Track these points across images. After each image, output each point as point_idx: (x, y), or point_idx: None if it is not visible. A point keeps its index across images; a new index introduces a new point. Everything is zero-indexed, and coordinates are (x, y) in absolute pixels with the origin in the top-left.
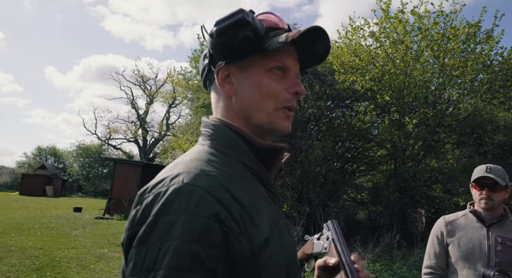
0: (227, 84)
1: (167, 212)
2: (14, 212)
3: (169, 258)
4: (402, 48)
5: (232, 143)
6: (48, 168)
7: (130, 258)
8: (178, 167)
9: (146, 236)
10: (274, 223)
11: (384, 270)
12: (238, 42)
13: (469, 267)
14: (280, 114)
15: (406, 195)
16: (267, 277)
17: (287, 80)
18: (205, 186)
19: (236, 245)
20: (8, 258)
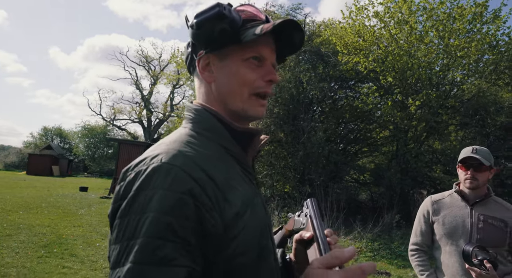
0: (207, 72)
1: (146, 187)
2: (22, 191)
3: (146, 228)
4: (407, 28)
5: (212, 126)
6: (54, 148)
7: (114, 228)
8: (159, 147)
9: (127, 209)
10: (248, 200)
11: (383, 249)
12: (215, 34)
13: (451, 244)
14: (254, 102)
15: (408, 176)
16: (240, 247)
17: (263, 69)
18: (181, 165)
19: (208, 218)
20: (17, 235)
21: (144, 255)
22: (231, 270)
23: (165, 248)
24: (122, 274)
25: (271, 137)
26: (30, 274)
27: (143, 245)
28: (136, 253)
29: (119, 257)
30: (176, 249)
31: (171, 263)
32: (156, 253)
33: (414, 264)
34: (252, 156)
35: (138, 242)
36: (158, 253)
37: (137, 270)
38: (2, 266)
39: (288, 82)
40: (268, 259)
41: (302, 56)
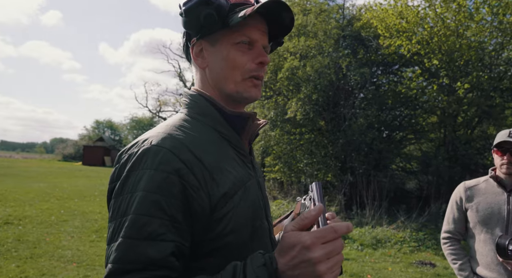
0: (200, 58)
1: (137, 168)
2: (77, 180)
3: (135, 205)
4: (455, 6)
5: (205, 111)
6: (106, 140)
7: (109, 208)
8: (152, 131)
9: (120, 189)
10: (240, 182)
11: (428, 239)
12: (202, 20)
13: (486, 232)
14: (248, 83)
15: (457, 164)
16: (229, 226)
17: (253, 52)
18: (169, 147)
19: (195, 198)
20: (72, 220)
21: (133, 230)
22: (220, 248)
23: (153, 224)
24: (114, 248)
25: (311, 125)
26: (83, 256)
27: (133, 221)
28: (126, 229)
29: (113, 233)
30: (163, 225)
31: (158, 237)
32: (145, 228)
33: (446, 252)
34: (248, 139)
35: (128, 219)
36: (147, 229)
37: (127, 244)
38: (60, 248)
39: (327, 68)
40: (262, 239)
41: (342, 42)
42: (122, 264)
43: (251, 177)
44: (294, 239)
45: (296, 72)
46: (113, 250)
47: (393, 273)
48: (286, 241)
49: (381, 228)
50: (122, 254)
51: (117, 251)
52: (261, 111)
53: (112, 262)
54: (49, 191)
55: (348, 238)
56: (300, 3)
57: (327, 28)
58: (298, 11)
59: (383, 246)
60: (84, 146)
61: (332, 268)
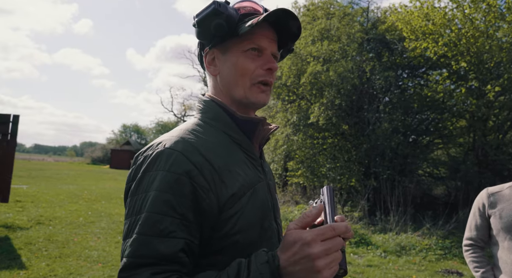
0: (212, 66)
1: (151, 169)
2: (105, 183)
3: (149, 204)
4: (484, 6)
5: (217, 116)
6: (132, 144)
7: (126, 206)
8: (166, 135)
9: (136, 189)
10: (249, 184)
11: (455, 247)
12: (213, 30)
13: (510, 239)
14: (256, 89)
15: (488, 169)
16: (237, 226)
17: (262, 59)
18: (181, 150)
19: (204, 198)
20: (99, 222)
21: (147, 227)
22: (228, 246)
23: (164, 221)
24: (129, 243)
25: (334, 130)
26: (108, 257)
27: (146, 218)
28: (140, 226)
29: (128, 229)
30: (174, 223)
31: (169, 235)
32: (157, 225)
33: (468, 260)
34: (258, 143)
35: (142, 216)
36: (159, 226)
37: (141, 240)
38: (87, 248)
39: (350, 72)
40: (271, 239)
41: (366, 45)
42: (136, 259)
43: (260, 179)
44: (296, 236)
45: (319, 76)
46: (128, 245)
47: None
48: (288, 238)
49: (405, 234)
50: (135, 249)
51: (132, 246)
52: (284, 115)
53: (126, 256)
54: (78, 193)
55: (371, 244)
56: (323, 7)
57: (351, 32)
58: (321, 15)
59: (408, 253)
60: (112, 150)
61: (330, 264)
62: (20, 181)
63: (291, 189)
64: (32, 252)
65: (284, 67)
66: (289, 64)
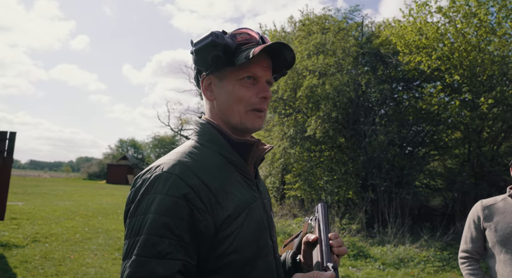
0: (208, 91)
1: (149, 192)
2: (101, 198)
3: (147, 226)
4: (476, 21)
5: (213, 138)
6: (129, 159)
7: (125, 227)
8: (164, 158)
9: (134, 211)
10: (244, 204)
11: (453, 258)
12: (210, 61)
13: (506, 252)
14: (251, 116)
15: (483, 181)
16: (233, 246)
17: (257, 87)
18: (178, 173)
19: (201, 220)
20: (96, 238)
21: (145, 249)
22: (225, 265)
23: (162, 243)
24: (128, 265)
25: (331, 143)
26: (105, 274)
27: (144, 241)
28: (139, 248)
29: (127, 251)
30: (172, 245)
31: (167, 256)
32: (155, 247)
33: (464, 272)
34: (253, 164)
35: (140, 239)
36: (156, 248)
37: (139, 261)
38: (83, 265)
39: (346, 86)
40: (267, 257)
41: (361, 59)
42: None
43: (255, 198)
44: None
45: (315, 90)
46: (127, 266)
47: None
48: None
49: (403, 246)
50: (134, 270)
51: (130, 267)
52: (280, 129)
53: (126, 277)
54: (74, 209)
55: (370, 257)
56: (319, 22)
57: (346, 46)
58: (317, 29)
59: (406, 265)
60: (108, 165)
61: None
62: (15, 197)
63: (288, 202)
64: (28, 270)
65: (280, 81)
66: (285, 78)
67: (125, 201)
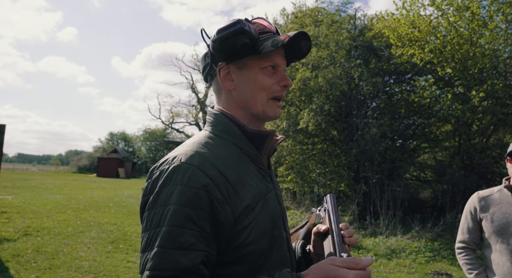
0: (228, 81)
1: (168, 184)
2: (92, 191)
3: (169, 218)
4: (468, 15)
5: (228, 129)
6: (120, 152)
7: (143, 219)
8: (180, 148)
9: (153, 202)
10: (260, 195)
11: (444, 249)
12: (238, 48)
13: (502, 242)
14: (272, 104)
15: (473, 173)
16: (250, 237)
17: (277, 75)
18: (197, 164)
19: (221, 211)
20: (88, 232)
21: (168, 240)
22: (243, 256)
23: (185, 234)
24: (150, 257)
25: (324, 135)
26: (99, 267)
27: (167, 232)
28: (161, 239)
29: (148, 242)
30: (194, 236)
31: (190, 247)
32: (178, 239)
33: (461, 262)
34: (267, 155)
35: (162, 230)
36: (180, 239)
37: (162, 253)
38: (77, 259)
39: (339, 78)
40: (281, 248)
41: (353, 52)
42: (158, 271)
43: (270, 189)
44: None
45: (308, 83)
46: (150, 258)
47: None
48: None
49: (395, 238)
50: (158, 262)
51: (154, 259)
52: (273, 122)
53: (148, 269)
54: (65, 203)
55: (362, 248)
56: (311, 14)
57: (339, 39)
58: (310, 22)
59: (398, 256)
60: (99, 158)
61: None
62: (4, 191)
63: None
64: (20, 264)
65: None
66: None
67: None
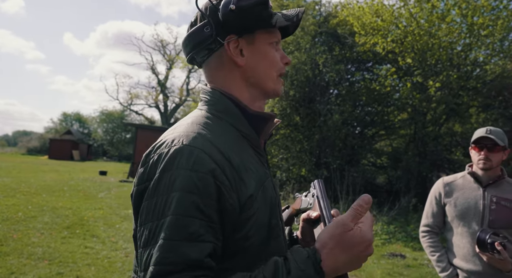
0: (239, 56)
1: (170, 168)
2: (44, 174)
3: (174, 206)
4: (428, 7)
5: (227, 109)
6: (74, 133)
7: (142, 210)
8: (178, 129)
9: (154, 190)
10: (260, 181)
11: (398, 232)
12: (263, 19)
13: (463, 225)
14: (278, 82)
15: (426, 159)
16: (254, 227)
17: (279, 52)
18: (202, 146)
19: (227, 198)
20: (41, 216)
21: (175, 231)
22: (246, 248)
23: (193, 224)
24: (155, 250)
25: (287, 121)
26: (54, 253)
27: (173, 222)
28: (167, 230)
29: (150, 235)
30: (202, 226)
31: (199, 238)
32: (186, 229)
33: (425, 245)
34: (264, 139)
35: (167, 220)
36: (188, 229)
37: (169, 245)
38: (29, 245)
39: (304, 64)
40: (278, 237)
41: (318, 38)
42: (165, 266)
43: (267, 175)
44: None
45: None
46: (154, 252)
47: (366, 265)
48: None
49: None
50: (164, 255)
51: (159, 252)
52: None
53: (154, 264)
54: (14, 186)
55: None
56: None
57: (305, 25)
58: (275, 6)
59: None
60: (51, 139)
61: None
62: None
63: None
64: None
65: None
66: None
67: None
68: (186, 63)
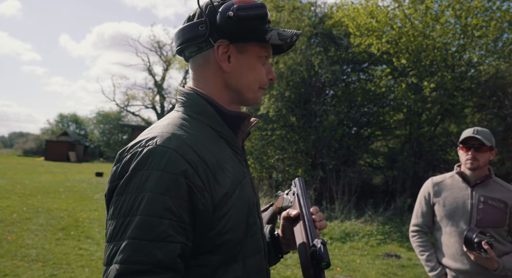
0: (226, 61)
1: (142, 168)
2: (40, 176)
3: (143, 206)
4: (422, 8)
5: (203, 110)
6: (70, 135)
7: (110, 205)
8: (153, 130)
9: (124, 187)
10: (237, 180)
11: (393, 232)
12: (257, 31)
13: (452, 225)
14: (259, 93)
15: (421, 160)
16: (228, 225)
17: (266, 67)
18: (175, 147)
19: (199, 198)
20: (36, 218)
21: (142, 231)
22: (219, 245)
23: (162, 225)
24: (120, 249)
25: (283, 122)
26: (49, 255)
27: (141, 222)
28: (134, 229)
29: (115, 232)
30: (171, 226)
31: (167, 239)
32: (153, 229)
33: (414, 245)
34: (242, 138)
35: (135, 219)
36: (155, 230)
37: (135, 245)
38: (23, 247)
39: (299, 65)
40: (255, 235)
41: (313, 39)
42: (130, 264)
43: (245, 174)
44: None
45: None
46: (120, 250)
47: (361, 265)
48: None
49: (349, 222)
50: (130, 254)
51: (125, 251)
52: None
53: (119, 262)
54: (9, 188)
55: None
56: None
57: (300, 26)
58: (271, 7)
59: (352, 239)
60: (47, 141)
61: None
62: None
63: None
64: None
65: None
66: None
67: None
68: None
